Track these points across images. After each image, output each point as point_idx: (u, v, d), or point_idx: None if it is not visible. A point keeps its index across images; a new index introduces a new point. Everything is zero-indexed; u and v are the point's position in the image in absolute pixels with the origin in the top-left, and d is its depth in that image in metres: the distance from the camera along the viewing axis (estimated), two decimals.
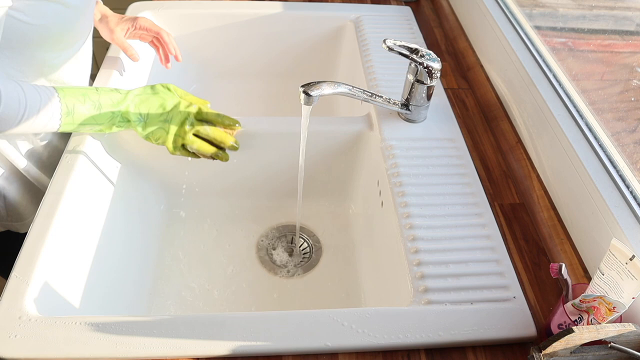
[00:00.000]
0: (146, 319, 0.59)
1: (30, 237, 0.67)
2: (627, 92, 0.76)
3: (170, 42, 0.95)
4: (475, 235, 0.71)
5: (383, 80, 0.96)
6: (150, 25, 0.92)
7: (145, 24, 0.92)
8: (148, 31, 0.92)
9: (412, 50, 0.78)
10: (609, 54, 0.83)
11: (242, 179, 0.95)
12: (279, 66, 1.24)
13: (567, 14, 0.92)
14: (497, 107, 0.93)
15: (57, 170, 0.75)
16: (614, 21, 0.83)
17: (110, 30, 0.90)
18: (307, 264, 0.89)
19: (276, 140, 0.89)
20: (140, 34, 0.93)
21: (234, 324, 0.59)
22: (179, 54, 0.96)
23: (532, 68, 0.86)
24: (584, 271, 0.67)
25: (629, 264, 0.52)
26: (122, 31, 0.90)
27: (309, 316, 0.61)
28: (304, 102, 0.70)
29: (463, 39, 1.10)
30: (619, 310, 0.53)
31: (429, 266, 0.66)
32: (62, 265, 0.67)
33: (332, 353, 0.59)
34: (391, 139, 0.84)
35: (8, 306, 0.59)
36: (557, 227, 0.73)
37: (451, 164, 0.81)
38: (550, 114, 0.77)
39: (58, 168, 0.75)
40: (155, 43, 0.96)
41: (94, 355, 0.56)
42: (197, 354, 0.57)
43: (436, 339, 0.60)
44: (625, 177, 0.66)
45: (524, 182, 0.81)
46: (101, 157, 0.81)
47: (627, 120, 0.74)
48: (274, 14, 1.16)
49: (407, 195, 0.75)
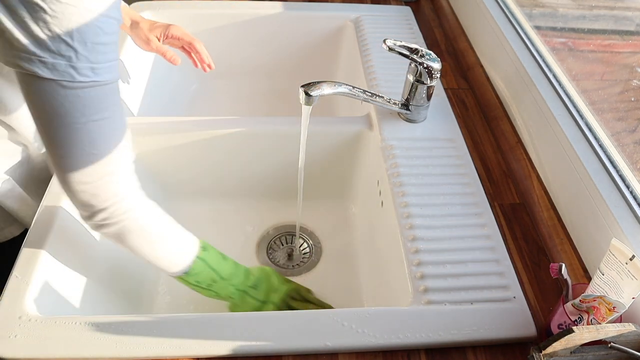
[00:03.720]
0: (146, 319, 0.59)
1: (30, 237, 0.67)
2: (627, 92, 0.76)
3: (203, 50, 0.94)
4: (475, 235, 0.71)
5: (383, 80, 0.96)
6: (182, 34, 0.91)
7: (178, 33, 0.90)
8: (180, 40, 0.91)
9: (412, 50, 0.78)
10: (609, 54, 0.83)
11: (242, 179, 0.95)
12: (279, 66, 1.24)
13: (567, 14, 0.92)
14: (497, 107, 0.93)
15: None
16: (614, 21, 0.83)
17: (145, 40, 0.89)
18: (307, 264, 0.89)
19: (276, 140, 0.89)
20: (172, 42, 0.92)
21: (234, 324, 0.59)
22: (212, 63, 0.96)
23: (532, 68, 0.86)
24: (584, 271, 0.67)
25: (629, 264, 0.52)
26: (156, 38, 0.89)
27: (309, 316, 0.61)
28: (304, 102, 0.71)
29: (463, 39, 1.10)
30: (619, 310, 0.53)
31: (429, 266, 0.66)
32: (62, 265, 0.67)
33: (332, 353, 0.59)
34: (391, 139, 0.84)
35: (8, 306, 0.59)
36: (557, 227, 0.73)
37: (451, 164, 0.81)
38: (550, 114, 0.77)
39: None
40: (186, 49, 0.95)
41: (94, 355, 0.56)
42: (197, 354, 0.57)
43: (436, 339, 0.60)
44: (625, 177, 0.66)
45: (524, 182, 0.81)
46: None
47: (627, 120, 0.74)
48: (274, 14, 1.16)
49: (407, 195, 0.75)
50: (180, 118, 0.88)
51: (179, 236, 0.67)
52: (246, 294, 0.73)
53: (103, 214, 0.58)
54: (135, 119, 0.90)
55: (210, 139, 0.87)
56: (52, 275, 0.64)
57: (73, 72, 0.49)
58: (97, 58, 0.51)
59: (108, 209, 0.58)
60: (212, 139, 0.87)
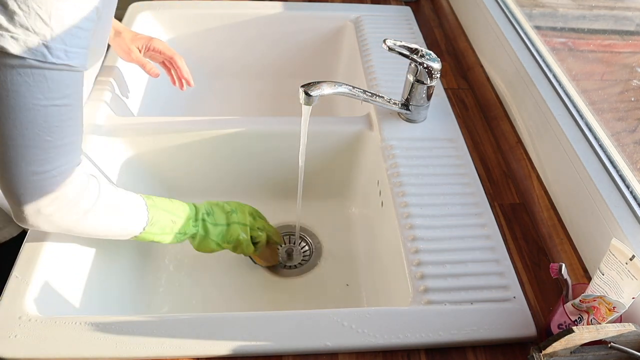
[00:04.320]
0: (146, 319, 0.59)
1: (30, 237, 0.67)
2: (627, 92, 0.76)
3: (183, 66, 0.93)
4: (475, 235, 0.71)
5: (383, 80, 0.96)
6: (164, 48, 0.91)
7: (159, 46, 0.90)
8: (161, 54, 0.91)
9: (412, 50, 0.78)
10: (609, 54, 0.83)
11: (242, 179, 0.95)
12: (279, 66, 1.24)
13: (567, 14, 0.92)
14: (497, 107, 0.93)
15: None
16: (614, 21, 0.83)
17: (126, 50, 0.88)
18: (307, 264, 0.89)
19: (276, 140, 0.89)
20: (153, 55, 0.92)
21: (234, 324, 0.59)
22: (191, 80, 0.95)
23: (532, 68, 0.86)
24: (584, 271, 0.67)
25: (629, 264, 0.52)
26: (137, 49, 0.89)
27: (309, 316, 0.61)
28: (304, 102, 0.70)
29: (463, 39, 1.10)
30: (619, 310, 0.53)
31: (429, 266, 0.66)
32: (62, 265, 0.67)
33: (332, 353, 0.59)
34: (391, 139, 0.84)
35: (8, 306, 0.59)
36: (557, 227, 0.73)
37: (451, 164, 0.81)
38: (550, 114, 0.77)
39: None
40: (166, 64, 0.95)
41: (94, 355, 0.56)
42: (197, 354, 0.57)
43: (436, 339, 0.60)
44: (625, 177, 0.66)
45: (524, 182, 0.81)
46: (101, 158, 0.81)
47: (627, 120, 0.74)
48: (274, 14, 1.16)
49: (407, 195, 0.75)
50: (180, 118, 0.88)
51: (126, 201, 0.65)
52: (205, 222, 0.73)
53: (50, 208, 0.55)
54: (135, 119, 0.90)
55: (210, 139, 0.87)
56: (52, 275, 0.64)
57: (45, 51, 0.48)
58: (72, 42, 0.49)
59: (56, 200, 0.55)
60: (211, 139, 0.87)
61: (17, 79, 0.48)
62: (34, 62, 0.48)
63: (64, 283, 0.66)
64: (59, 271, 0.66)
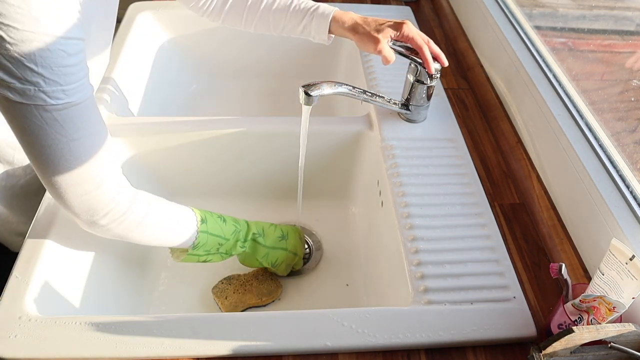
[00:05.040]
0: (146, 319, 0.59)
1: (30, 237, 0.67)
2: (627, 92, 0.76)
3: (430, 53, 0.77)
4: (475, 235, 0.71)
5: (383, 80, 0.97)
6: (415, 34, 0.75)
7: (411, 33, 0.75)
8: (412, 42, 0.76)
9: (412, 50, 0.78)
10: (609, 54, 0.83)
11: (241, 179, 0.95)
12: (279, 66, 1.24)
13: (567, 14, 0.92)
14: (497, 107, 0.93)
15: None
16: (614, 21, 0.83)
17: (374, 40, 0.75)
18: (307, 264, 0.89)
19: (276, 140, 0.89)
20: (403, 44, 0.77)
21: (234, 324, 0.59)
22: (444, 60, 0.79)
23: (532, 68, 0.86)
24: (584, 271, 0.67)
25: (629, 264, 0.52)
26: (386, 40, 0.75)
27: (309, 316, 0.61)
28: (304, 102, 0.70)
29: (463, 39, 1.10)
30: (619, 310, 0.53)
31: (429, 266, 0.66)
32: (62, 266, 0.67)
33: (332, 353, 0.59)
34: (391, 139, 0.84)
35: (8, 306, 0.60)
36: (557, 227, 0.73)
37: (451, 164, 0.81)
38: (550, 114, 0.77)
39: None
40: None
41: (94, 355, 0.56)
42: (197, 354, 0.57)
43: (436, 339, 0.60)
44: (625, 177, 0.66)
45: (524, 182, 0.81)
46: None
47: (627, 120, 0.74)
48: None
49: (407, 195, 0.75)
50: (180, 118, 0.88)
51: (177, 216, 0.68)
52: (255, 242, 0.76)
53: (105, 220, 0.59)
54: (135, 119, 0.90)
55: (210, 139, 0.87)
56: (52, 275, 0.64)
57: (44, 96, 0.50)
58: (66, 80, 0.50)
59: (108, 214, 0.59)
60: (212, 139, 0.87)
61: (31, 124, 0.51)
62: (39, 107, 0.50)
63: (63, 283, 0.66)
64: (58, 271, 0.66)
